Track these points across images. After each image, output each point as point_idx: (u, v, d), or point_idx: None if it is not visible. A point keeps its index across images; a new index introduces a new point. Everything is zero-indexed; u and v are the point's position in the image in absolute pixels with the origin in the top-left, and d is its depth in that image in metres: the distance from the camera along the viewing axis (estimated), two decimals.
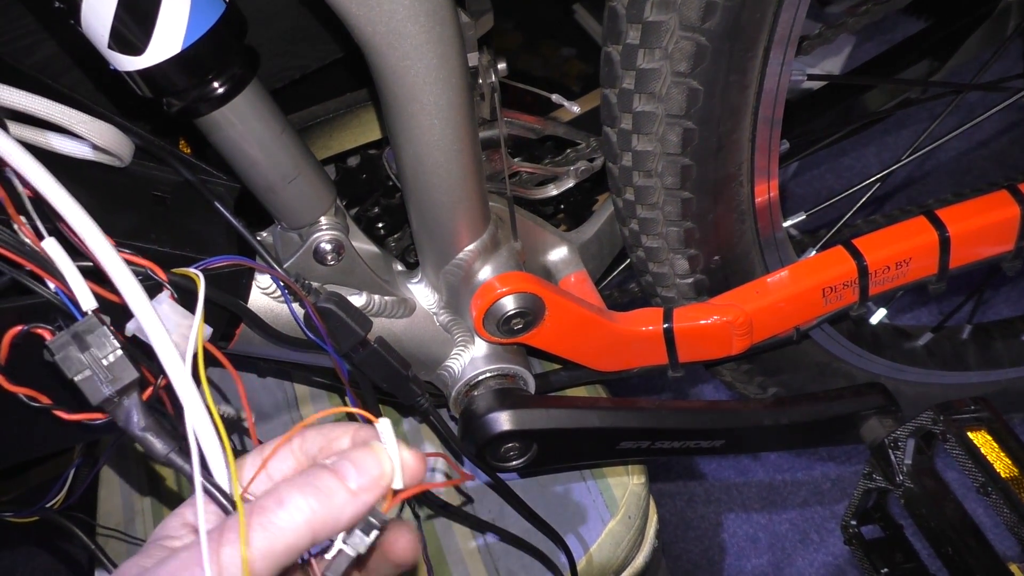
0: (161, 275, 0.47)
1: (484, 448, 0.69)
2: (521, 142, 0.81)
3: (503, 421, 0.68)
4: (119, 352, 0.40)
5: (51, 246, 0.41)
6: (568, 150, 0.80)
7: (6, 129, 0.47)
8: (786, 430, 0.73)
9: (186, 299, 0.52)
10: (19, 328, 0.41)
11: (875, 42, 1.84)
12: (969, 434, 0.64)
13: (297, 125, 0.83)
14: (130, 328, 0.42)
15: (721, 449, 0.73)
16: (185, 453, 0.39)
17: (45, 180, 0.42)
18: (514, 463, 0.71)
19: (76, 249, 0.42)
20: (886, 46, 1.00)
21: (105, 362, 0.39)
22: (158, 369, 0.41)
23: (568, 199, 0.86)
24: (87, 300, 0.41)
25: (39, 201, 0.42)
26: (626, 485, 0.80)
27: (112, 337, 0.40)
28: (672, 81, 0.60)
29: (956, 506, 0.66)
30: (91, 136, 0.51)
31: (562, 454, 0.73)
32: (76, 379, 0.39)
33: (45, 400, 0.42)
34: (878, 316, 1.00)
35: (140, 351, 0.43)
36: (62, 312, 0.42)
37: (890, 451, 0.70)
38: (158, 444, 0.40)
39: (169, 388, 0.40)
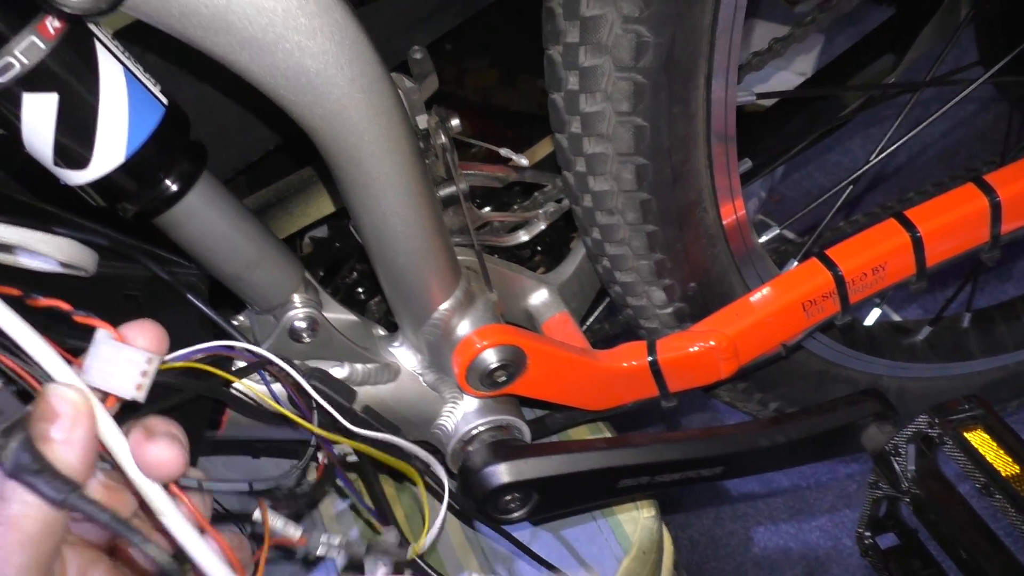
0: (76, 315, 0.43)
1: (484, 503, 0.69)
2: (489, 191, 0.81)
3: (499, 474, 0.67)
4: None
5: None
6: (535, 193, 0.81)
7: None
8: (785, 448, 0.72)
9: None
10: None
11: (847, 35, 1.85)
12: (966, 435, 0.62)
13: (274, 197, 0.84)
14: None
15: (723, 475, 0.72)
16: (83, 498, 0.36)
17: None
18: (517, 514, 0.70)
19: None
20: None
21: None
22: None
23: (544, 240, 0.86)
24: None
25: None
26: (637, 520, 0.79)
27: None
28: (617, 121, 0.60)
29: (964, 507, 0.64)
30: (52, 253, 0.52)
31: (564, 499, 0.72)
32: None
33: None
34: (873, 316, 0.99)
35: None
36: None
37: (892, 458, 0.69)
38: (55, 486, 0.36)
39: None
